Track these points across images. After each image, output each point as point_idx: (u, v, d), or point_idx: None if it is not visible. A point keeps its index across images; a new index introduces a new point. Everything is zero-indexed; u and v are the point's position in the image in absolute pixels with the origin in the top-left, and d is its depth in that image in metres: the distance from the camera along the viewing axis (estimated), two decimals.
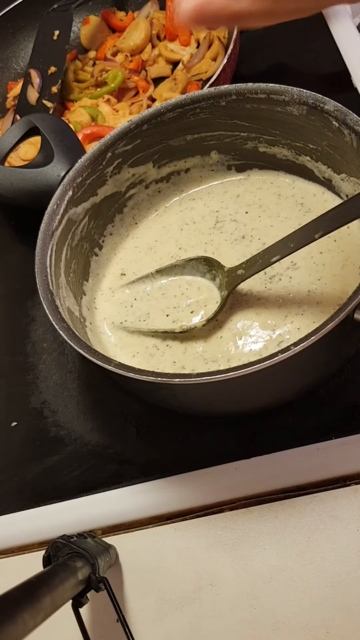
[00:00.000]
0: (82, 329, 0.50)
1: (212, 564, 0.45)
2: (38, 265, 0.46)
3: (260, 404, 0.48)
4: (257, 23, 0.34)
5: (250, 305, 0.49)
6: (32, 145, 0.65)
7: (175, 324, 0.50)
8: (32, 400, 0.57)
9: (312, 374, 0.46)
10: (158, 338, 0.51)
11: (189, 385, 0.38)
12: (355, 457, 0.45)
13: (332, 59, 0.71)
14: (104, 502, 0.49)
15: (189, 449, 0.50)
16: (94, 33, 0.83)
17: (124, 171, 0.54)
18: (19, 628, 0.27)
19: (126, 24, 0.82)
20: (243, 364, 0.36)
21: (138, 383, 0.40)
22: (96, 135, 0.69)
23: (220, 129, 0.54)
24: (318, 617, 0.41)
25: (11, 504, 0.52)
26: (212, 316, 0.48)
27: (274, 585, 0.43)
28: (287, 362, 0.36)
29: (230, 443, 0.49)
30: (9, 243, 0.70)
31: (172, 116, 0.52)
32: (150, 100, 0.75)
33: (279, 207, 0.54)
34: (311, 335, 0.35)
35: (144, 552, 0.46)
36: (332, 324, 0.35)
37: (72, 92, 0.79)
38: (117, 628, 0.42)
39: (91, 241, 0.55)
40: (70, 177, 0.50)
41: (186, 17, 0.34)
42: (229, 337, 0.48)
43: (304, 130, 0.49)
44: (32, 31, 0.81)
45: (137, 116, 0.51)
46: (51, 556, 0.40)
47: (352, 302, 0.36)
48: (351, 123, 0.44)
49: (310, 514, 0.44)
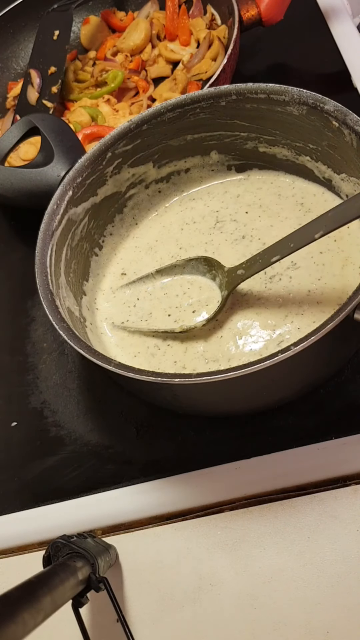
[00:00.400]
0: (82, 329, 0.49)
1: (212, 564, 0.45)
2: (38, 265, 0.46)
3: (260, 404, 0.48)
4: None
5: (250, 305, 0.49)
6: (32, 145, 0.65)
7: (177, 324, 0.50)
8: (32, 400, 0.57)
9: (312, 374, 0.46)
10: (159, 338, 0.51)
11: (189, 386, 0.38)
12: (355, 457, 0.45)
13: (332, 59, 0.71)
14: (104, 502, 0.49)
15: (189, 449, 0.50)
16: (94, 33, 0.83)
17: (124, 171, 0.54)
18: (19, 628, 0.27)
19: (126, 24, 0.82)
20: (243, 364, 0.36)
21: (138, 383, 0.40)
22: (96, 135, 0.70)
23: (220, 129, 0.54)
24: (318, 617, 0.41)
25: (11, 504, 0.52)
26: (212, 316, 0.48)
27: (274, 585, 0.43)
28: (288, 362, 0.36)
29: (230, 443, 0.49)
30: (9, 243, 0.70)
31: (172, 116, 0.52)
32: (150, 100, 0.75)
33: (279, 207, 0.54)
34: (311, 335, 0.35)
35: (144, 552, 0.46)
36: (332, 324, 0.35)
37: (72, 92, 0.79)
38: (117, 628, 0.42)
39: (91, 241, 0.55)
40: (70, 177, 0.50)
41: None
42: (229, 336, 0.48)
43: (304, 130, 0.49)
44: (32, 31, 0.81)
45: (137, 116, 0.51)
46: (51, 556, 0.40)
47: (352, 302, 0.36)
48: (351, 123, 0.44)
49: (310, 514, 0.44)
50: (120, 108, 0.75)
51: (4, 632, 0.26)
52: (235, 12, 0.68)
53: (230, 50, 0.65)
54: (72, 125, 0.71)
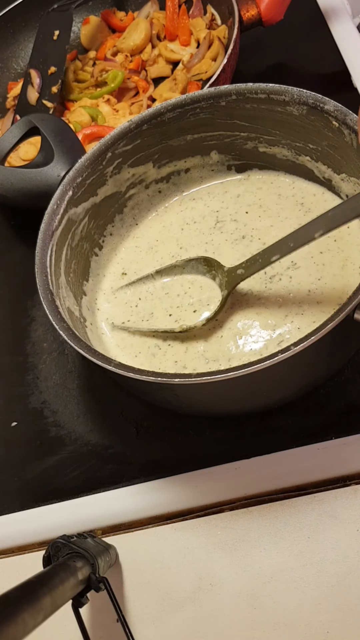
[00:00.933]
0: (82, 329, 0.50)
1: (212, 564, 0.45)
2: (38, 265, 0.46)
3: (260, 404, 0.48)
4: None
5: (250, 305, 0.49)
6: (32, 145, 0.65)
7: (178, 324, 0.50)
8: (32, 400, 0.57)
9: (312, 374, 0.46)
10: (159, 338, 0.51)
11: (188, 385, 0.38)
12: (355, 457, 0.45)
13: (332, 59, 0.71)
14: (104, 502, 0.49)
15: (189, 449, 0.50)
16: (94, 33, 0.83)
17: (124, 171, 0.54)
18: (19, 628, 0.27)
19: (126, 24, 0.82)
20: (243, 364, 0.36)
21: (138, 383, 0.40)
22: (96, 135, 0.69)
23: (220, 129, 0.54)
24: (318, 617, 0.41)
25: (11, 504, 0.52)
26: (212, 315, 0.48)
27: (274, 585, 0.43)
28: (287, 362, 0.36)
29: (230, 443, 0.49)
30: (9, 243, 0.70)
31: (172, 116, 0.52)
32: (150, 100, 0.75)
33: (279, 207, 0.54)
34: (311, 335, 0.35)
35: (144, 552, 0.46)
36: (332, 324, 0.35)
37: (72, 92, 0.79)
38: (117, 628, 0.42)
39: (91, 241, 0.55)
40: (70, 177, 0.50)
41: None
42: (229, 336, 0.48)
43: (304, 130, 0.49)
44: (32, 31, 0.81)
45: (137, 116, 0.51)
46: (51, 556, 0.40)
47: (352, 302, 0.36)
48: (351, 123, 0.44)
49: (310, 514, 0.44)
50: (120, 108, 0.75)
51: (4, 632, 0.26)
52: (235, 12, 0.68)
53: (230, 50, 0.65)
54: (72, 125, 0.71)
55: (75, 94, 0.78)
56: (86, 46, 0.84)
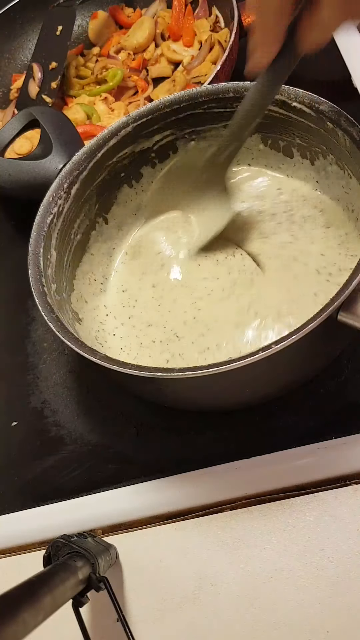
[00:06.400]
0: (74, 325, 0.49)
1: (212, 563, 0.45)
2: (31, 257, 0.46)
3: (243, 400, 0.47)
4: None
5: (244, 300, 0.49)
6: (27, 139, 0.65)
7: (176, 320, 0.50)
8: (32, 400, 0.57)
9: (295, 372, 0.46)
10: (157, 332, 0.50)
11: (171, 380, 0.38)
12: (355, 457, 0.45)
13: (332, 59, 0.71)
14: (104, 502, 0.49)
15: (189, 448, 0.50)
16: (102, 28, 0.83)
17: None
18: (19, 628, 0.27)
19: (133, 20, 0.82)
20: (225, 361, 0.36)
21: (125, 377, 0.40)
22: (88, 135, 0.69)
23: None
24: (318, 617, 0.41)
25: (11, 504, 0.52)
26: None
27: (274, 585, 0.43)
28: (269, 359, 0.36)
29: (231, 443, 0.49)
30: (9, 243, 0.70)
31: (168, 111, 0.52)
32: (148, 101, 0.75)
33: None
34: (292, 334, 0.36)
35: (144, 552, 0.46)
36: (312, 325, 0.35)
37: (72, 87, 0.79)
38: (117, 628, 0.42)
39: (87, 234, 0.55)
40: (67, 170, 0.50)
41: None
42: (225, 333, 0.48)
43: (298, 129, 0.49)
44: (40, 24, 0.81)
45: (135, 111, 0.52)
46: (51, 556, 0.40)
47: (333, 304, 0.36)
48: (345, 124, 0.44)
49: (310, 513, 0.44)
50: (117, 107, 0.75)
51: (4, 632, 0.26)
52: (235, 17, 0.67)
53: (225, 57, 0.64)
54: None
55: (76, 89, 0.78)
56: (93, 41, 0.84)
